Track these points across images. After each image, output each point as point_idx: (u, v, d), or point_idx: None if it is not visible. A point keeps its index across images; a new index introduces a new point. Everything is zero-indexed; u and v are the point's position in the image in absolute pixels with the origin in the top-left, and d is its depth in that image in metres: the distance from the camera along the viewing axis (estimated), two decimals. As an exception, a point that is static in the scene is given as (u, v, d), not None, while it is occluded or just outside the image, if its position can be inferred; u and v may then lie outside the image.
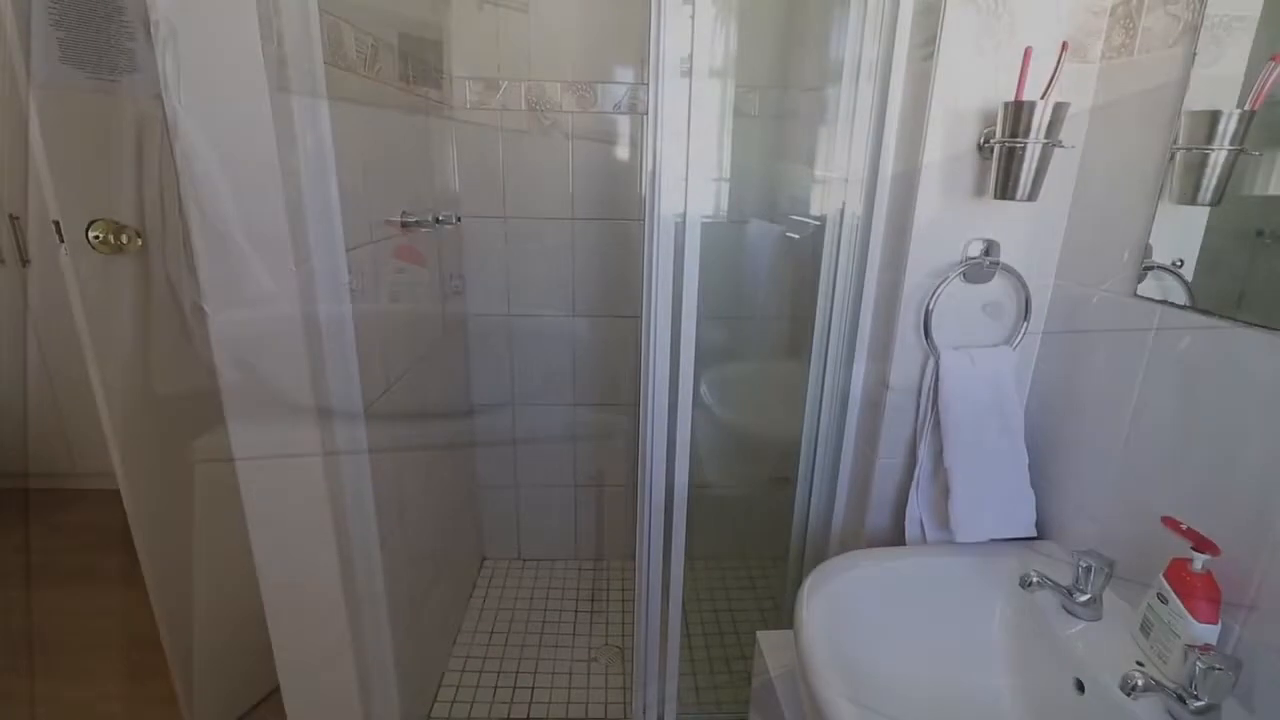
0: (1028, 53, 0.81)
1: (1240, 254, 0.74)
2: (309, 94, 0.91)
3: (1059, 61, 0.82)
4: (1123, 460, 0.84)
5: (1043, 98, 0.82)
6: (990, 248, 0.94)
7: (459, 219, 1.66)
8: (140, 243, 1.22)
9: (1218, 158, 0.73)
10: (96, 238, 1.18)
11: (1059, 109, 0.80)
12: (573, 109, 1.75)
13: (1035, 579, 0.80)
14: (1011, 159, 0.83)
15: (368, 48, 1.14)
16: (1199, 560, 0.69)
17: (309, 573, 1.04)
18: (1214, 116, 0.72)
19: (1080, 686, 0.74)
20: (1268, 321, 0.67)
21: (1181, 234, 0.78)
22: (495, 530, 2.14)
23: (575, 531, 2.15)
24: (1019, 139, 0.81)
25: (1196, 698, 0.62)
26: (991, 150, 0.87)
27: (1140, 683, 0.65)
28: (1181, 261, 0.77)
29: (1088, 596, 0.78)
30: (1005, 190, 0.84)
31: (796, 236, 1.62)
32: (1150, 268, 0.81)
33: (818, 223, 1.36)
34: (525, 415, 2.01)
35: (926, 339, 0.95)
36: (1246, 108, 0.70)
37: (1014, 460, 0.95)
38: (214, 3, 0.79)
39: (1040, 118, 0.80)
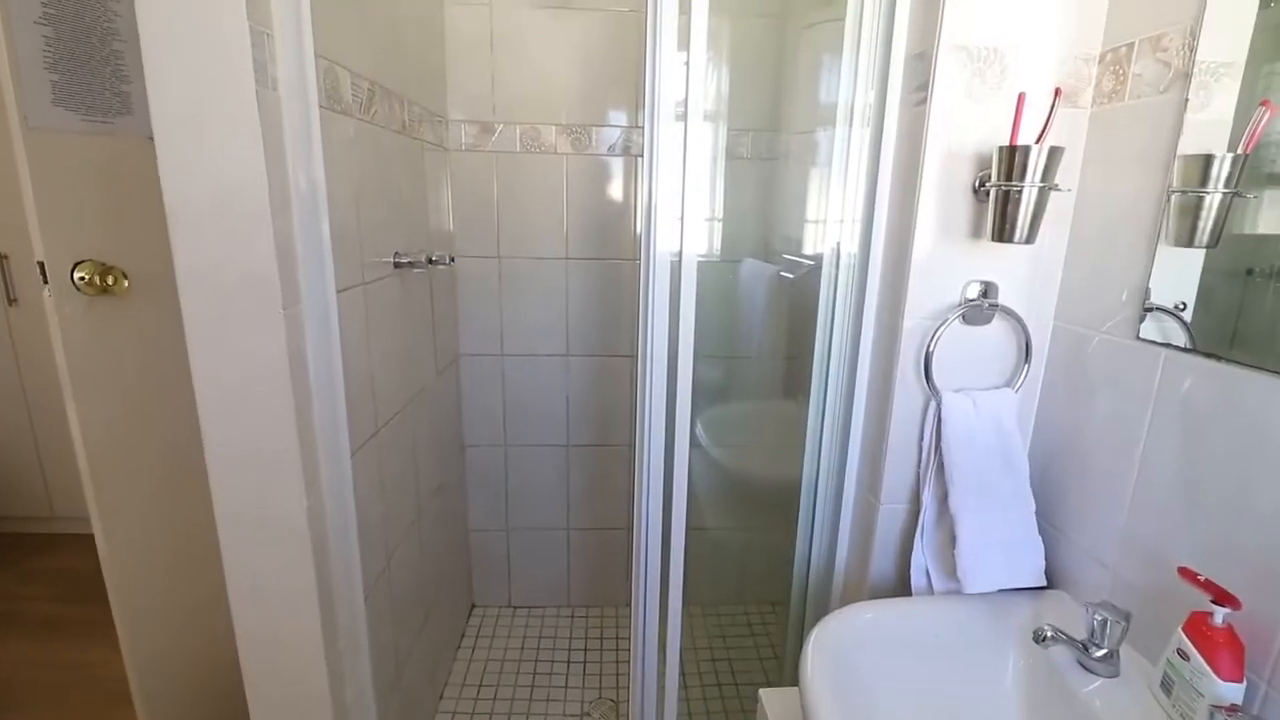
0: (1021, 98, 0.82)
1: (1233, 293, 0.74)
2: (303, 137, 0.91)
3: (1053, 107, 0.83)
4: (1132, 506, 0.81)
5: (1038, 142, 0.82)
6: (988, 289, 0.94)
7: (453, 259, 1.65)
8: (127, 284, 1.20)
9: (1213, 201, 0.73)
10: (82, 279, 1.16)
11: (1054, 153, 0.80)
12: (568, 151, 1.76)
13: (1049, 633, 0.77)
14: (1008, 202, 0.83)
15: (364, 91, 1.14)
16: (1219, 614, 0.66)
17: (288, 626, 0.99)
18: (1207, 160, 0.73)
19: (1102, 750, 0.70)
20: (1260, 362, 0.67)
21: (1181, 276, 0.78)
22: (485, 576, 2.08)
23: (568, 577, 2.09)
24: (1015, 182, 0.82)
25: (1227, 764, 0.59)
26: (987, 193, 0.87)
27: (1167, 747, 0.61)
28: (1184, 305, 0.77)
29: (1104, 651, 0.75)
30: (1002, 233, 0.84)
31: (791, 276, 1.62)
32: (1150, 309, 0.81)
33: (812, 262, 1.36)
34: (518, 456, 1.97)
35: (927, 381, 0.94)
36: (1239, 151, 0.70)
37: (1020, 506, 0.92)
38: (210, 50, 0.78)
39: (1036, 162, 0.80)
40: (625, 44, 1.71)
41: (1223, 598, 0.66)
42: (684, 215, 0.99)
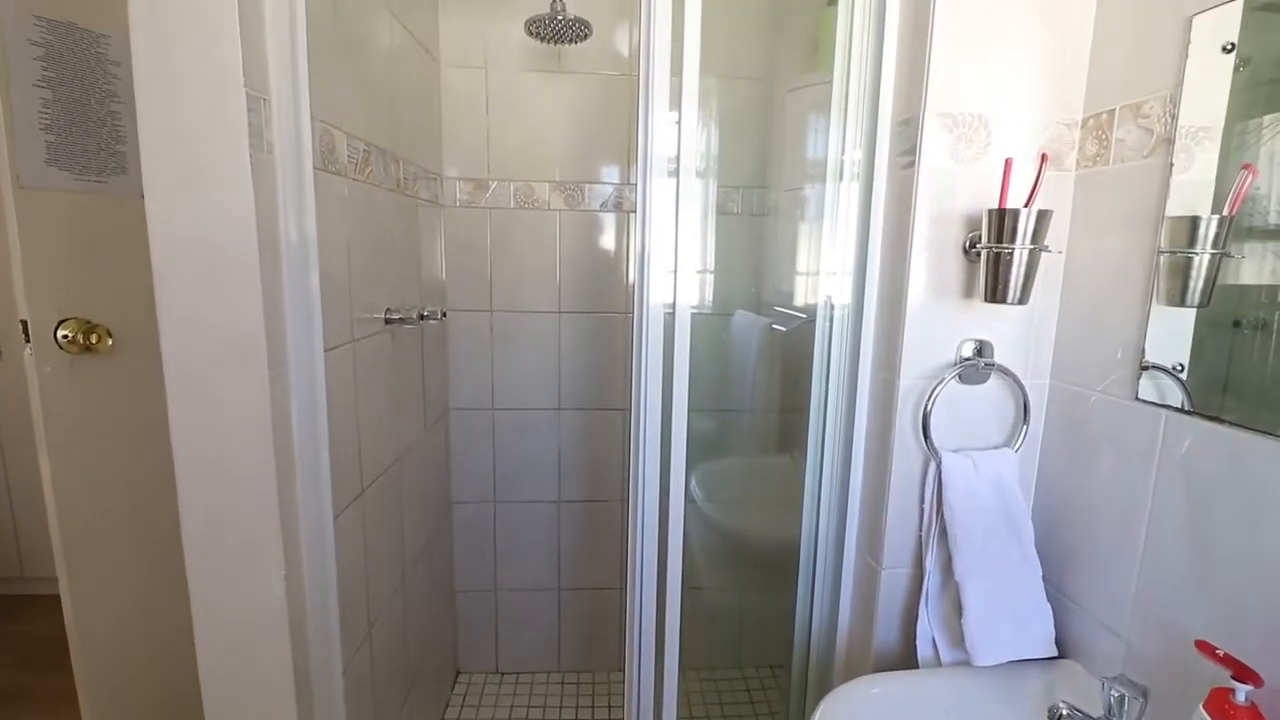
0: (1008, 164, 0.84)
1: (1224, 348, 0.74)
2: (295, 198, 0.91)
3: (1039, 172, 0.85)
4: (1142, 572, 0.79)
5: (1026, 205, 0.83)
6: (983, 348, 0.93)
7: (444, 314, 1.65)
8: (111, 342, 1.18)
9: (1202, 261, 0.74)
10: (65, 337, 1.14)
11: (1043, 216, 0.81)
12: (561, 207, 1.78)
13: (1064, 711, 0.73)
14: (999, 263, 0.83)
15: (359, 152, 1.15)
16: (1241, 691, 0.63)
17: (261, 706, 0.93)
18: (1194, 222, 0.74)
19: (1128, 842, 0.65)
20: (1254, 422, 0.67)
21: (1175, 335, 0.78)
22: (472, 640, 1.99)
23: (559, 641, 2.01)
24: (1005, 244, 0.82)
25: None
26: (978, 254, 0.88)
27: (1199, 842, 0.57)
28: (1182, 366, 0.76)
29: (1123, 730, 0.71)
30: (995, 294, 0.84)
31: (783, 329, 1.62)
32: (1147, 367, 0.80)
33: (804, 315, 1.36)
34: (507, 513, 1.92)
35: (926, 442, 0.92)
36: (1225, 213, 0.71)
37: (1027, 571, 0.89)
38: (206, 115, 0.79)
39: (1025, 225, 0.81)
40: (616, 105, 1.75)
41: (1244, 674, 0.63)
42: (677, 268, 0.99)
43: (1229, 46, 0.72)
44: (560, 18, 1.44)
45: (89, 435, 1.18)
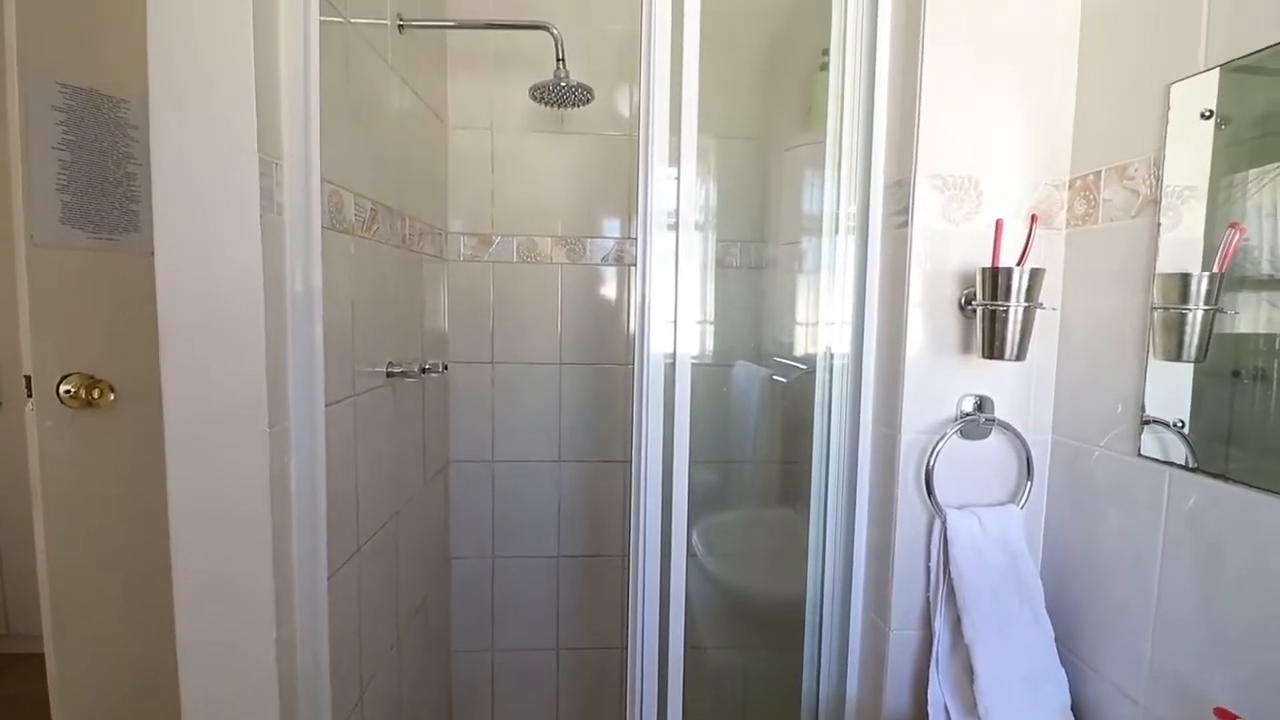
0: (999, 224, 0.85)
1: (1224, 401, 0.74)
2: (303, 256, 0.92)
3: (1030, 232, 0.87)
4: (1156, 633, 0.77)
5: (1019, 264, 0.85)
6: (983, 403, 0.93)
7: (446, 367, 1.66)
8: (113, 398, 1.18)
9: (1195, 316, 0.74)
10: (68, 391, 1.15)
11: (1036, 274, 0.83)
12: (563, 261, 1.81)
13: (1084, 784, 0.70)
14: (995, 320, 0.84)
15: (367, 211, 1.18)
16: (1267, 764, 0.60)
17: (246, 778, 0.90)
18: (1185, 279, 0.75)
19: None
20: (1257, 479, 0.66)
21: (1174, 390, 0.78)
22: (466, 703, 1.92)
23: (557, 703, 1.94)
24: (1000, 302, 0.83)
25: None
26: (974, 310, 0.89)
27: None
28: (1183, 422, 0.76)
29: (1147, 806, 0.68)
30: (993, 350, 0.85)
31: (784, 380, 1.62)
32: (1148, 421, 0.80)
33: (804, 367, 1.37)
34: (505, 569, 1.89)
35: (929, 498, 0.91)
36: (1215, 270, 0.72)
37: (1039, 633, 0.87)
38: (219, 178, 0.81)
39: (1019, 283, 0.82)
40: (617, 163, 1.81)
41: (1269, 745, 0.61)
42: (677, 318, 1.00)
43: (1208, 113, 0.74)
44: (563, 84, 1.49)
45: (85, 490, 1.17)
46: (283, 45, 0.87)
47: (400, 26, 1.37)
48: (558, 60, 1.48)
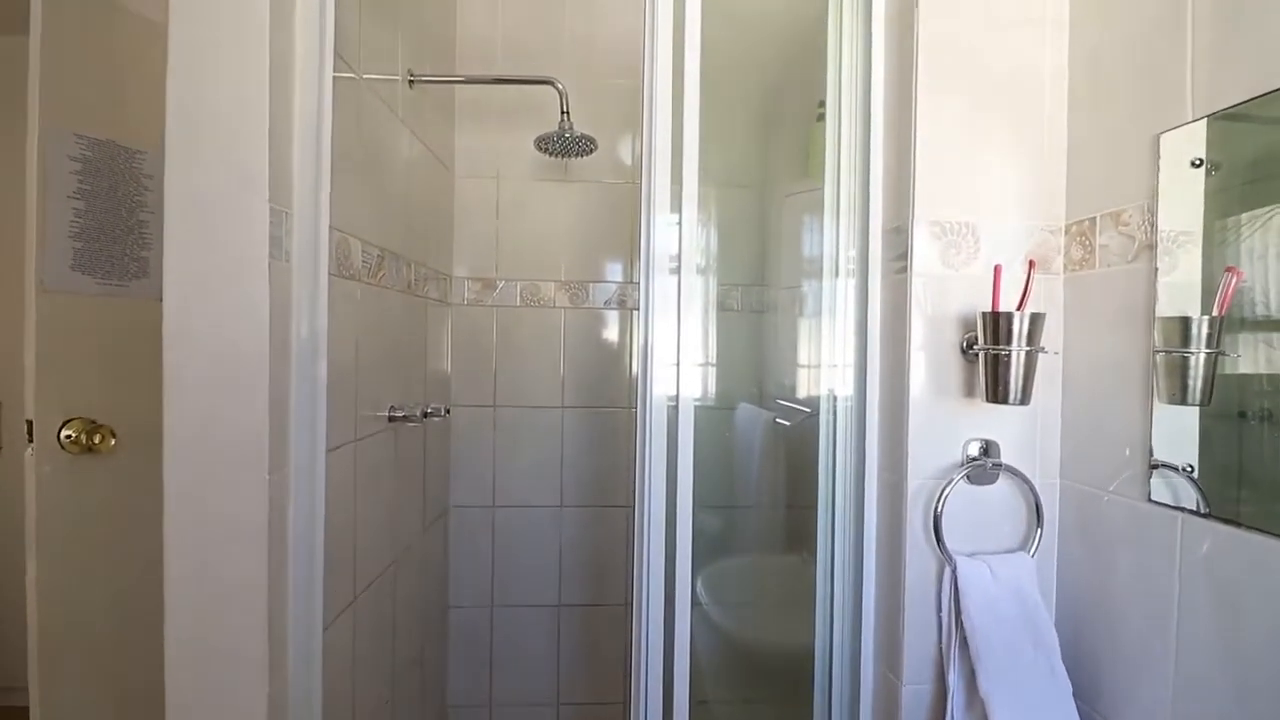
0: (998, 270, 0.86)
1: (1232, 442, 0.73)
2: (309, 302, 0.93)
3: (1028, 278, 0.87)
4: (1177, 685, 0.74)
5: (1019, 309, 0.85)
6: (989, 447, 0.93)
7: (448, 410, 1.65)
8: (114, 443, 1.18)
9: (1198, 360, 0.74)
10: (68, 437, 1.14)
11: (1036, 319, 0.83)
12: (566, 305, 1.83)
13: None
14: (997, 365, 0.84)
15: (374, 258, 1.20)
16: (1303, 829, 0.57)
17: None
18: (1185, 322, 0.75)
19: None
20: (1267, 524, 0.65)
21: (1181, 433, 0.77)
22: (464, 761, 1.85)
23: (556, 761, 1.86)
24: (1002, 346, 0.84)
25: None
26: (976, 354, 0.89)
27: None
28: (1192, 466, 0.75)
29: None
30: (996, 394, 0.85)
31: (787, 423, 1.61)
32: (1156, 465, 0.79)
33: (807, 410, 1.36)
34: (505, 619, 1.84)
35: (939, 546, 0.90)
36: (1214, 314, 0.72)
37: (1056, 686, 0.84)
38: (230, 227, 0.83)
39: (1019, 328, 0.83)
40: (620, 210, 1.84)
41: (1304, 809, 0.58)
42: (679, 361, 1.00)
43: (1198, 161, 0.76)
44: (568, 135, 1.54)
45: (80, 536, 1.15)
46: (297, 100, 0.90)
47: (410, 81, 1.42)
48: (562, 113, 1.53)
